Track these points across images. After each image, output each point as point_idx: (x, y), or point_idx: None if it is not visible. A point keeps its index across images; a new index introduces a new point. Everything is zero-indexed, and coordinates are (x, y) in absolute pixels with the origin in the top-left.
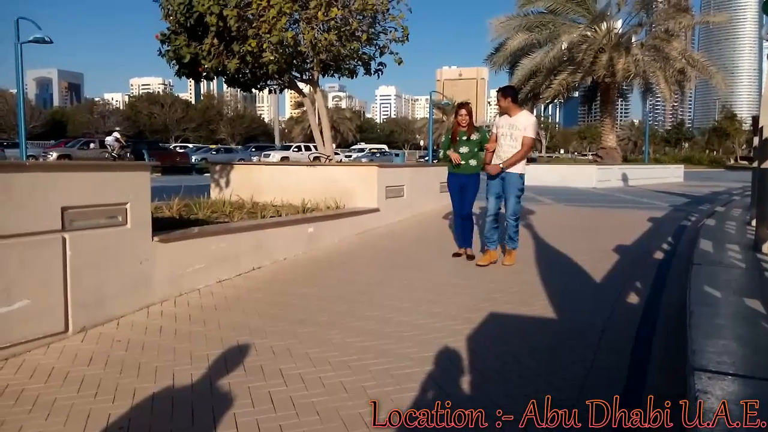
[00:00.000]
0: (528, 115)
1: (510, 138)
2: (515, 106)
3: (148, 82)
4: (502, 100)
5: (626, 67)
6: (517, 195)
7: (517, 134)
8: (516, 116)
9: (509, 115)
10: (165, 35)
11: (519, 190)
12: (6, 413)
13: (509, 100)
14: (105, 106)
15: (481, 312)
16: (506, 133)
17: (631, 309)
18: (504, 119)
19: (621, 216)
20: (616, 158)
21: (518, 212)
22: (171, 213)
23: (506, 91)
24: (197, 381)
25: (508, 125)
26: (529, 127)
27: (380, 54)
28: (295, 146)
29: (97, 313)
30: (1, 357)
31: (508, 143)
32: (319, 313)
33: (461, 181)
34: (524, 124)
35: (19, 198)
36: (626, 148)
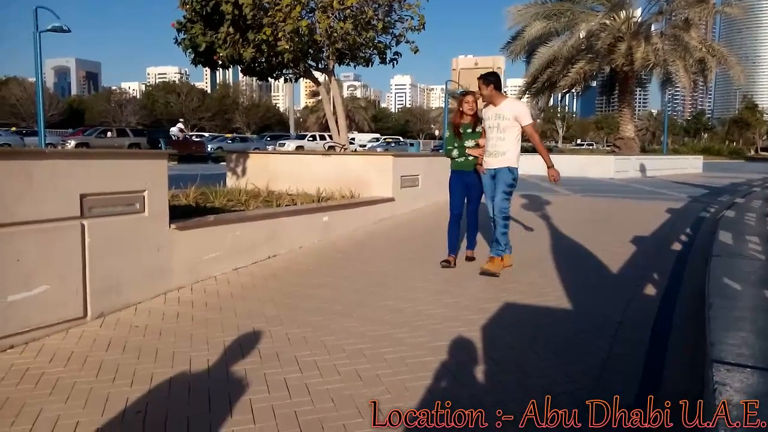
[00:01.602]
0: (514, 102)
1: (497, 130)
2: (499, 94)
3: (165, 71)
4: (484, 88)
5: (645, 56)
6: (505, 191)
7: (506, 125)
8: (501, 105)
9: (494, 105)
10: (181, 24)
11: (508, 185)
12: (26, 396)
13: (491, 87)
14: (122, 95)
15: (495, 302)
16: (493, 125)
17: (648, 301)
18: (489, 110)
19: (639, 207)
20: (634, 148)
21: (507, 210)
22: (188, 201)
23: (488, 77)
24: (213, 367)
25: (494, 116)
26: (523, 115)
27: (396, 43)
28: (310, 135)
29: (115, 300)
30: (21, 341)
31: (496, 135)
32: (334, 301)
33: (466, 180)
34: (514, 113)
35: (38, 185)
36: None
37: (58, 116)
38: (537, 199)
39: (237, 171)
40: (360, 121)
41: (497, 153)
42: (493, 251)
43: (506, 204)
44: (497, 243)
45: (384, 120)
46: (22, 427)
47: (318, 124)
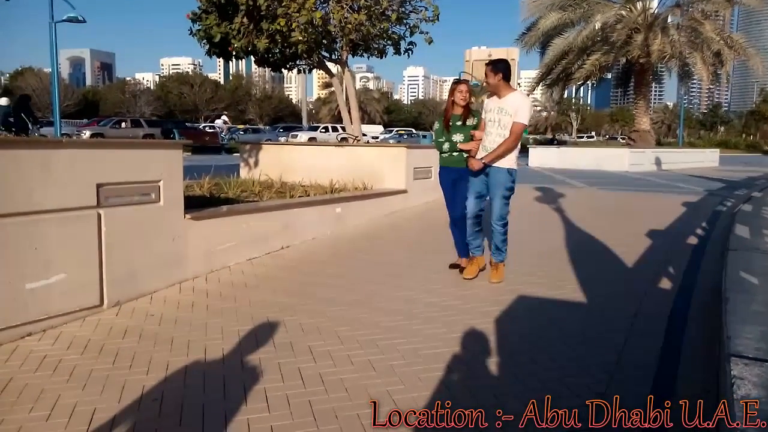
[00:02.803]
0: (520, 96)
1: (498, 125)
2: (506, 85)
3: (178, 62)
4: (492, 75)
5: (662, 47)
6: (504, 195)
7: (508, 121)
8: (506, 97)
9: (498, 96)
10: (196, 14)
11: (507, 189)
12: (44, 383)
13: (500, 77)
14: (136, 85)
15: (510, 294)
16: (494, 118)
17: (663, 294)
18: (493, 101)
19: (654, 200)
20: (650, 141)
21: (506, 216)
22: (202, 191)
23: (497, 65)
24: (228, 355)
25: (497, 109)
26: (521, 111)
27: (410, 33)
28: (323, 127)
29: (130, 288)
30: (39, 329)
31: (496, 131)
32: (347, 292)
33: (453, 176)
34: (515, 107)
35: (56, 174)
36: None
37: (73, 107)
38: (551, 191)
39: (250, 162)
40: (372, 113)
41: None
42: (495, 257)
43: (506, 210)
44: (498, 250)
45: (397, 112)
46: (41, 413)
47: (331, 115)
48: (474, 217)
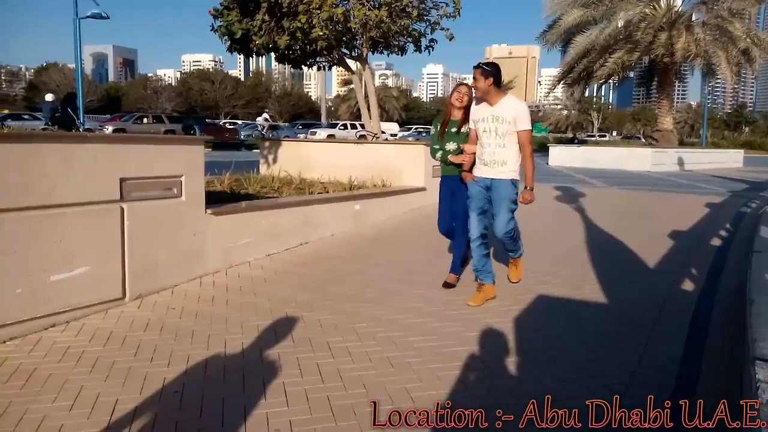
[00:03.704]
0: (516, 101)
1: (496, 134)
2: (497, 90)
3: (200, 58)
4: (481, 79)
5: (686, 46)
6: (510, 209)
7: (505, 129)
8: (499, 104)
9: (489, 103)
10: (218, 11)
11: (513, 202)
12: (68, 374)
13: (490, 81)
14: (158, 82)
15: (529, 294)
16: (489, 128)
17: (686, 296)
18: (482, 109)
19: (677, 201)
20: (672, 141)
21: (512, 231)
22: (222, 187)
23: (488, 68)
24: (248, 350)
25: (491, 117)
26: (523, 117)
27: (431, 30)
28: (342, 124)
29: (152, 282)
30: (62, 320)
31: (495, 141)
32: (365, 289)
33: (451, 186)
34: (513, 114)
35: (80, 168)
36: (682, 132)
37: (96, 102)
38: (571, 191)
39: (270, 158)
40: (391, 110)
41: (496, 163)
42: (513, 254)
43: (512, 224)
44: (513, 250)
45: (416, 109)
46: (64, 403)
47: (349, 112)
48: (480, 238)
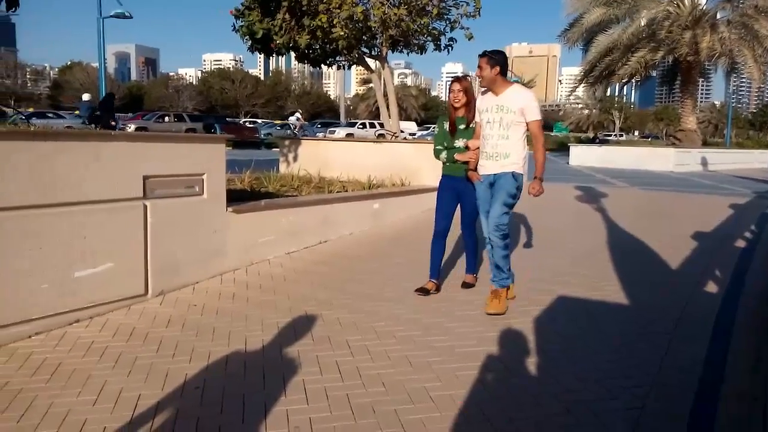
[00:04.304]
0: (522, 90)
1: (500, 125)
2: (503, 80)
3: (220, 57)
4: (487, 68)
5: (711, 45)
6: (506, 202)
7: (510, 120)
8: (505, 93)
9: (494, 93)
10: (239, 11)
11: (510, 195)
12: (91, 369)
13: (496, 70)
14: (179, 81)
15: (549, 294)
16: (494, 119)
17: (709, 298)
18: (488, 99)
19: (700, 201)
20: (696, 141)
21: (505, 227)
22: (242, 185)
23: (494, 56)
24: (268, 347)
25: (496, 107)
26: (532, 107)
27: (451, 29)
28: (360, 123)
29: (174, 279)
30: (86, 316)
31: (497, 133)
32: (384, 288)
33: (458, 187)
34: (520, 105)
35: (105, 166)
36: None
37: (119, 101)
38: (591, 190)
39: (290, 157)
40: (409, 109)
41: (498, 156)
42: (496, 282)
43: (505, 219)
44: (499, 270)
45: (434, 108)
46: (88, 397)
47: (368, 111)
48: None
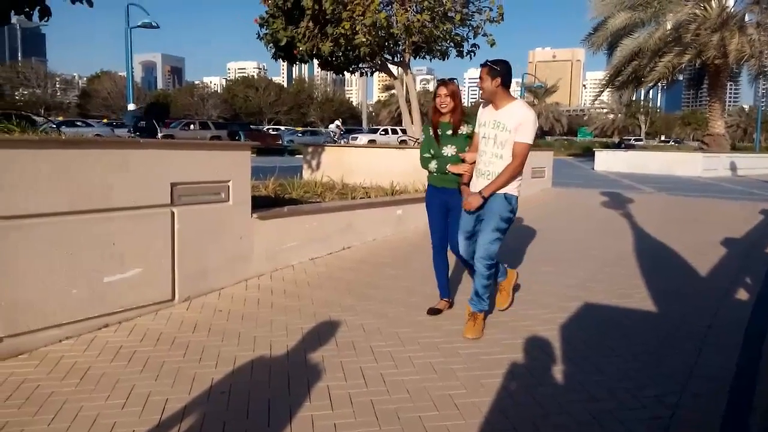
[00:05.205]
0: (522, 108)
1: (494, 143)
2: (504, 93)
3: (244, 65)
4: (488, 79)
5: (739, 47)
6: (497, 227)
7: (505, 138)
8: (504, 108)
9: (494, 107)
10: (264, 19)
11: (502, 220)
12: (120, 372)
13: (498, 82)
14: (204, 89)
15: (575, 301)
16: (489, 134)
17: (740, 305)
18: (488, 113)
19: (729, 207)
20: (724, 146)
21: (494, 256)
22: (267, 192)
23: (496, 66)
24: (292, 352)
25: (493, 122)
26: (524, 127)
27: (474, 35)
28: (382, 129)
29: (200, 284)
30: (114, 321)
31: (491, 150)
32: (408, 294)
33: (445, 200)
34: (516, 122)
35: (133, 173)
36: (735, 136)
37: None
38: (618, 196)
39: (313, 163)
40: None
41: (490, 174)
42: (474, 305)
43: (496, 246)
44: (478, 297)
45: None
46: (116, 401)
47: (390, 118)
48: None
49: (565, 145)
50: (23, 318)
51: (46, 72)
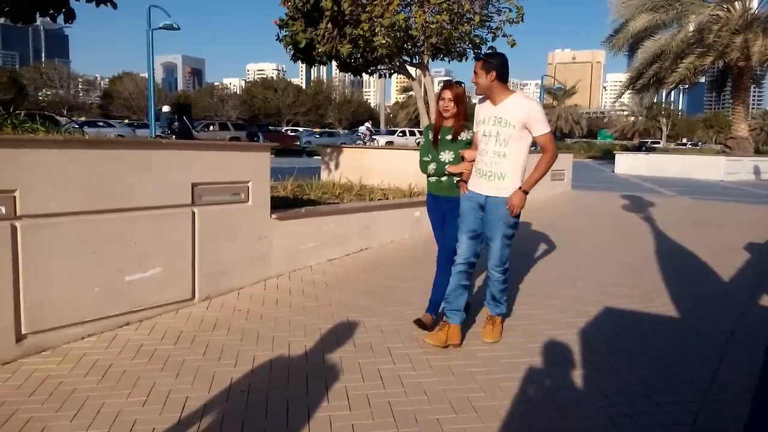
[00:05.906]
0: (523, 100)
1: (496, 140)
2: (501, 87)
3: (263, 67)
4: (482, 74)
5: (763, 49)
6: (506, 234)
7: (508, 134)
8: (503, 103)
9: (492, 102)
10: (283, 21)
11: (509, 226)
12: (140, 370)
13: (492, 75)
14: (224, 90)
15: (594, 306)
16: (490, 132)
17: (763, 311)
18: (486, 109)
19: (752, 211)
20: (748, 149)
21: (506, 261)
22: (285, 193)
23: (490, 60)
24: (310, 352)
25: (493, 119)
26: (536, 120)
27: (493, 37)
28: (400, 131)
29: (219, 284)
30: (135, 319)
31: (493, 149)
32: (426, 296)
33: (442, 209)
34: (522, 117)
35: (155, 173)
36: (758, 139)
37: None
38: (639, 199)
39: (331, 165)
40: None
41: (492, 175)
42: (492, 309)
43: (506, 251)
44: (495, 301)
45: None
46: (137, 398)
47: (408, 119)
48: (465, 265)
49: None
50: (47, 315)
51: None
